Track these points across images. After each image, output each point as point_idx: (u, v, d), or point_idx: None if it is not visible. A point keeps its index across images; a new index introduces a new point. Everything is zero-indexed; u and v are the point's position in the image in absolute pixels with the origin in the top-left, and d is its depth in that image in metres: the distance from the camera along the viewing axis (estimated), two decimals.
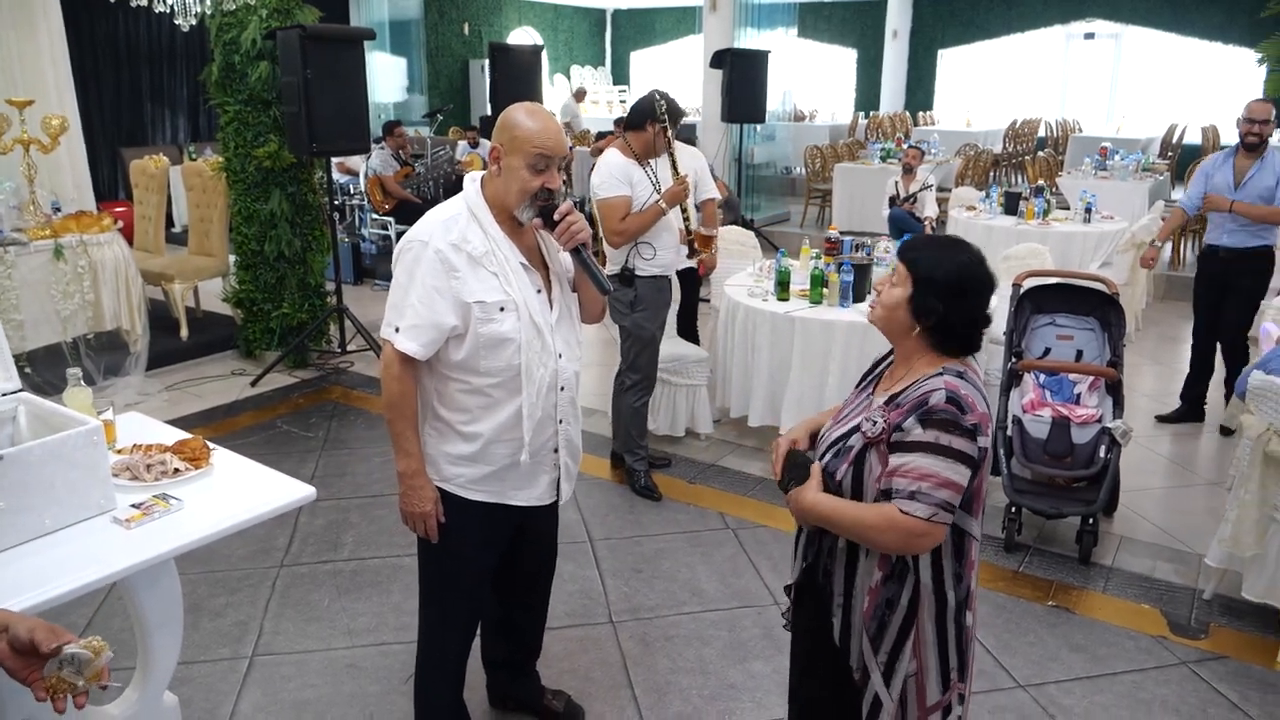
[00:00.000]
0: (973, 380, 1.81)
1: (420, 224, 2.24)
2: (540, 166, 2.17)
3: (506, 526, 2.45)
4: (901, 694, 1.88)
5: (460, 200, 2.27)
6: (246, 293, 6.18)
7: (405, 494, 2.32)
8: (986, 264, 1.85)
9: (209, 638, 3.29)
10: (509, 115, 2.21)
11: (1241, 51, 13.08)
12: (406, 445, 2.27)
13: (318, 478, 4.55)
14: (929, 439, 1.73)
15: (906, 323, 1.84)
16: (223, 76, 5.87)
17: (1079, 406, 4.09)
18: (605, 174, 4.03)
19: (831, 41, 18.05)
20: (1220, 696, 3.04)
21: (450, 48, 16.18)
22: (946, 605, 1.86)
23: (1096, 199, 7.68)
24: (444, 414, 2.30)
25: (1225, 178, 4.89)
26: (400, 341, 2.19)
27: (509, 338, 2.20)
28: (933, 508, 1.72)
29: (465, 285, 2.16)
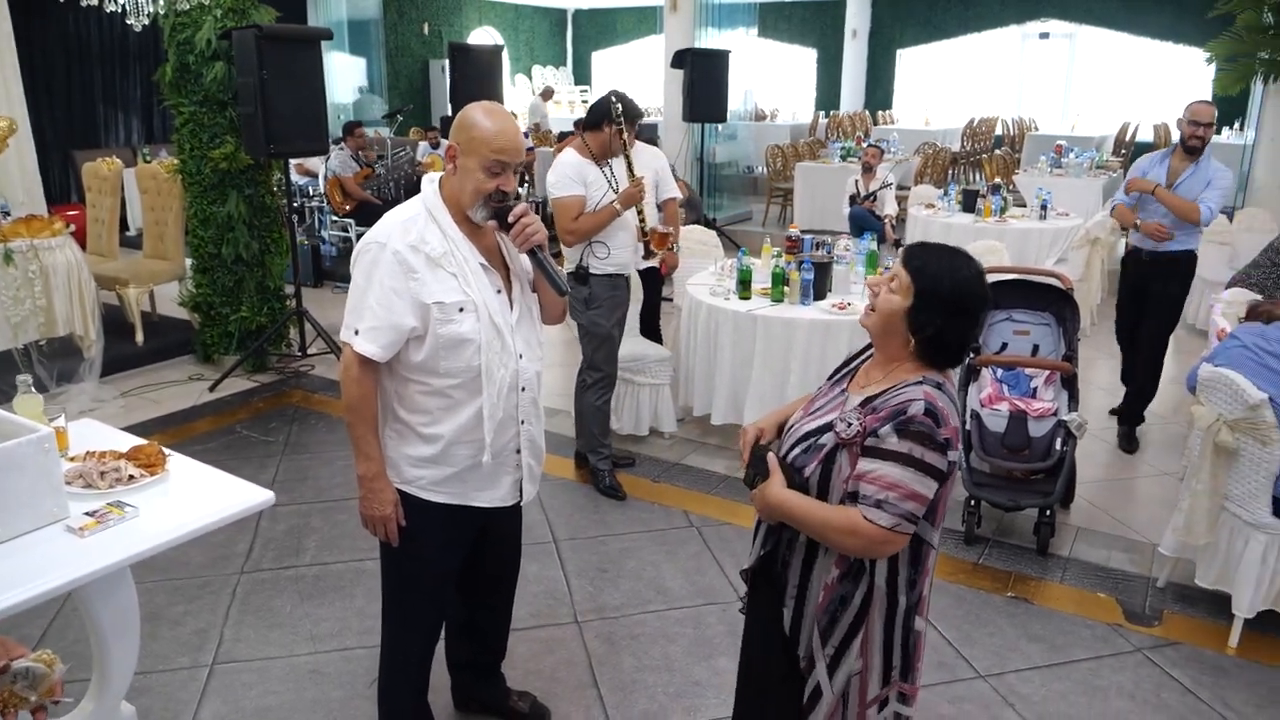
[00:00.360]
0: (950, 392, 1.81)
1: (378, 225, 2.22)
2: (496, 170, 2.15)
3: (469, 528, 2.44)
4: (844, 689, 1.91)
5: (418, 201, 2.25)
6: (204, 296, 6.09)
7: (365, 497, 2.30)
8: (985, 278, 1.84)
9: (168, 646, 3.24)
10: (467, 115, 2.19)
11: (1191, 51, 13.34)
12: (366, 448, 2.26)
13: (278, 482, 4.51)
14: (903, 450, 1.73)
15: (902, 333, 1.82)
16: (177, 77, 5.78)
17: (1035, 400, 4.15)
18: (560, 173, 4.03)
19: (792, 41, 18.16)
20: (1174, 681, 3.10)
21: (410, 48, 16.06)
22: (897, 608, 1.88)
23: (1052, 196, 7.80)
24: (404, 416, 2.29)
25: (1159, 177, 4.74)
26: (359, 344, 2.18)
27: (468, 338, 2.19)
28: (896, 518, 1.73)
29: (424, 286, 2.15)
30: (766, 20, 16.54)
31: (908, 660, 1.93)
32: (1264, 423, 3.13)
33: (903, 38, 17.13)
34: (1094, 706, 2.98)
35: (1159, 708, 2.98)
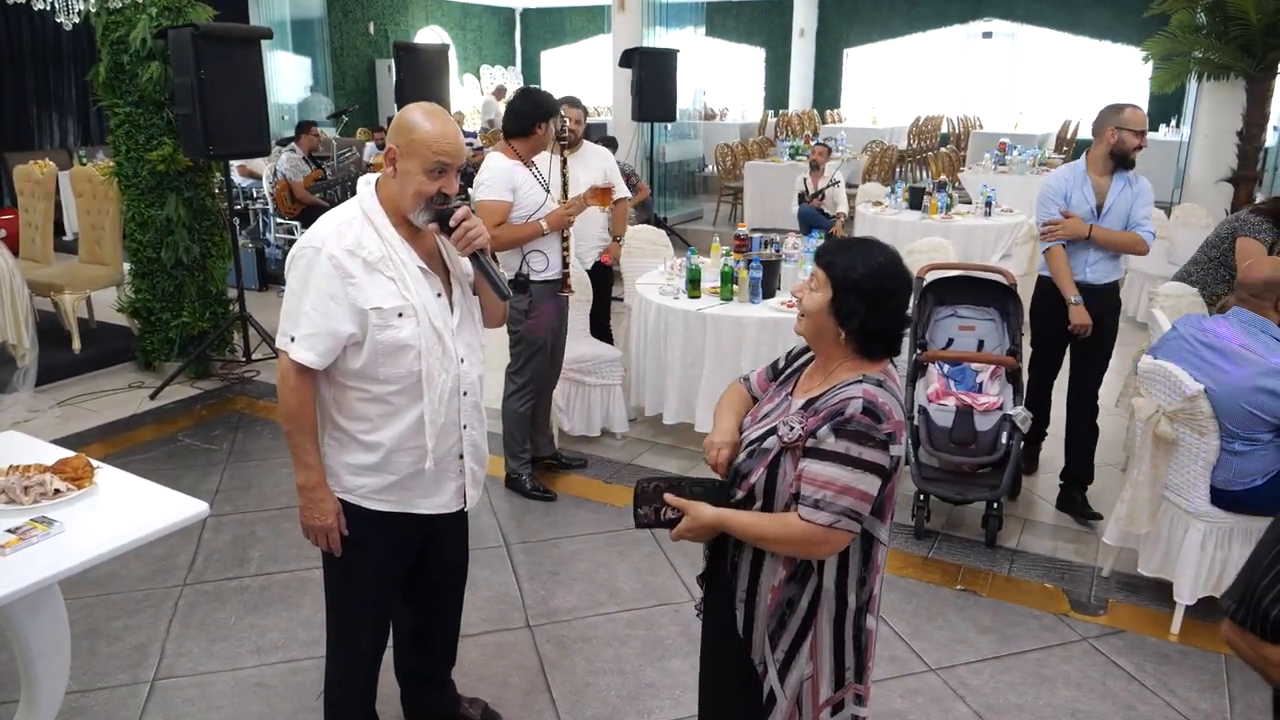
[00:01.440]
0: (892, 389, 1.80)
1: (314, 229, 2.17)
2: (438, 171, 2.12)
3: (413, 536, 2.40)
4: (798, 694, 1.90)
5: (355, 204, 2.20)
6: (143, 302, 5.94)
7: (305, 507, 2.26)
8: (903, 262, 1.85)
9: (106, 663, 3.15)
10: (406, 116, 2.15)
11: (1129, 50, 13.64)
12: (306, 457, 2.21)
13: (222, 491, 4.41)
14: (840, 449, 1.73)
15: (832, 329, 1.81)
16: (111, 77, 5.63)
17: (981, 395, 4.20)
18: (489, 176, 3.93)
19: (740, 40, 18.24)
20: (1119, 669, 3.16)
21: (355, 47, 15.85)
22: (846, 608, 1.87)
23: (996, 193, 7.93)
24: (343, 423, 2.24)
25: (1086, 202, 4.01)
26: (296, 351, 2.13)
27: (408, 344, 2.15)
28: (835, 515, 1.73)
29: (361, 292, 2.11)
30: (714, 20, 16.60)
31: (860, 660, 1.92)
32: (1201, 413, 3.20)
33: (849, 37, 17.30)
34: (1042, 696, 3.02)
35: (1105, 696, 3.02)
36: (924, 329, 4.38)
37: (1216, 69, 7.93)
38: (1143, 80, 12.16)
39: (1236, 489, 3.23)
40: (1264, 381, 3.11)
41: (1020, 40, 16.15)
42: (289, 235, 9.08)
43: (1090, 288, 4.05)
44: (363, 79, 16.02)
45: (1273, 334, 3.23)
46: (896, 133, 14.84)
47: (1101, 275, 4.08)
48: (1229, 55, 7.69)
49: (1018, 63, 16.32)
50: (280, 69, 14.13)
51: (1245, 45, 7.60)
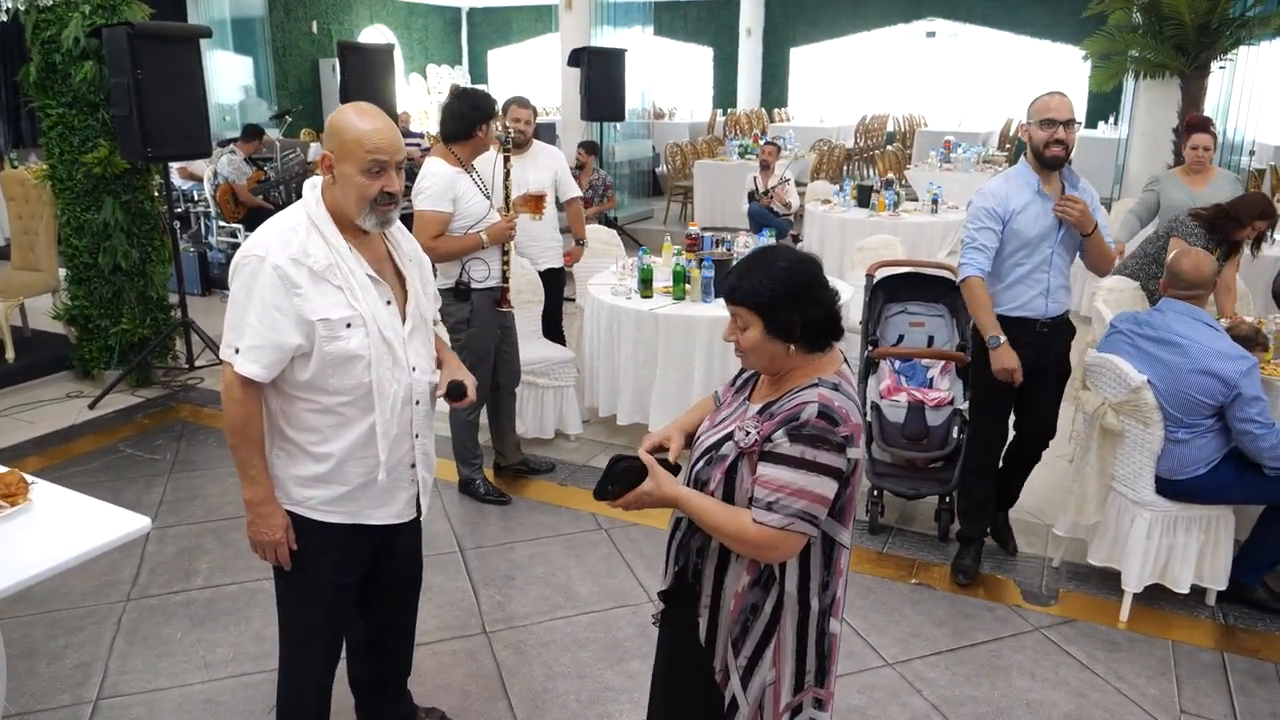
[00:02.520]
0: (848, 391, 1.79)
1: (257, 236, 2.10)
2: (376, 170, 2.05)
3: (365, 547, 2.35)
4: (760, 700, 1.88)
5: (300, 209, 2.13)
6: (80, 309, 5.77)
7: (253, 522, 2.19)
8: (806, 257, 1.83)
9: (46, 684, 3.04)
10: (337, 120, 2.08)
11: (1068, 49, 13.93)
12: (252, 472, 2.15)
13: (166, 503, 4.30)
14: (795, 454, 1.71)
15: (779, 350, 1.79)
16: (42, 77, 5.45)
17: (932, 390, 4.25)
18: (430, 183, 3.81)
19: (688, 40, 18.30)
20: (1070, 658, 3.21)
21: (298, 46, 15.59)
22: (809, 613, 1.86)
23: (943, 190, 8.04)
24: (292, 435, 2.18)
25: (1043, 217, 3.37)
26: (241, 364, 2.06)
27: (357, 355, 2.10)
28: (789, 518, 1.71)
29: (308, 302, 2.04)
30: (662, 19, 16.62)
31: (822, 664, 1.90)
32: (1145, 404, 3.26)
33: (795, 36, 17.44)
34: (997, 687, 3.05)
35: (1057, 684, 3.07)
36: (875, 326, 4.41)
37: (1152, 68, 8.13)
38: (1082, 79, 12.42)
39: (1181, 478, 3.30)
40: (1208, 364, 3.18)
41: (963, 40, 16.42)
42: (231, 239, 8.90)
43: (1053, 322, 3.49)
44: (306, 79, 15.76)
45: (1206, 321, 3.31)
46: (843, 131, 14.99)
47: (1061, 304, 3.51)
48: (1164, 54, 7.88)
49: (961, 62, 16.58)
50: (220, 69, 13.84)
51: (1180, 44, 7.79)
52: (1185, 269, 3.36)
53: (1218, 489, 3.30)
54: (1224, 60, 8.22)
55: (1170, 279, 3.41)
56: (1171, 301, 3.38)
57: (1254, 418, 3.15)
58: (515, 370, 4.36)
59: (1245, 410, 3.16)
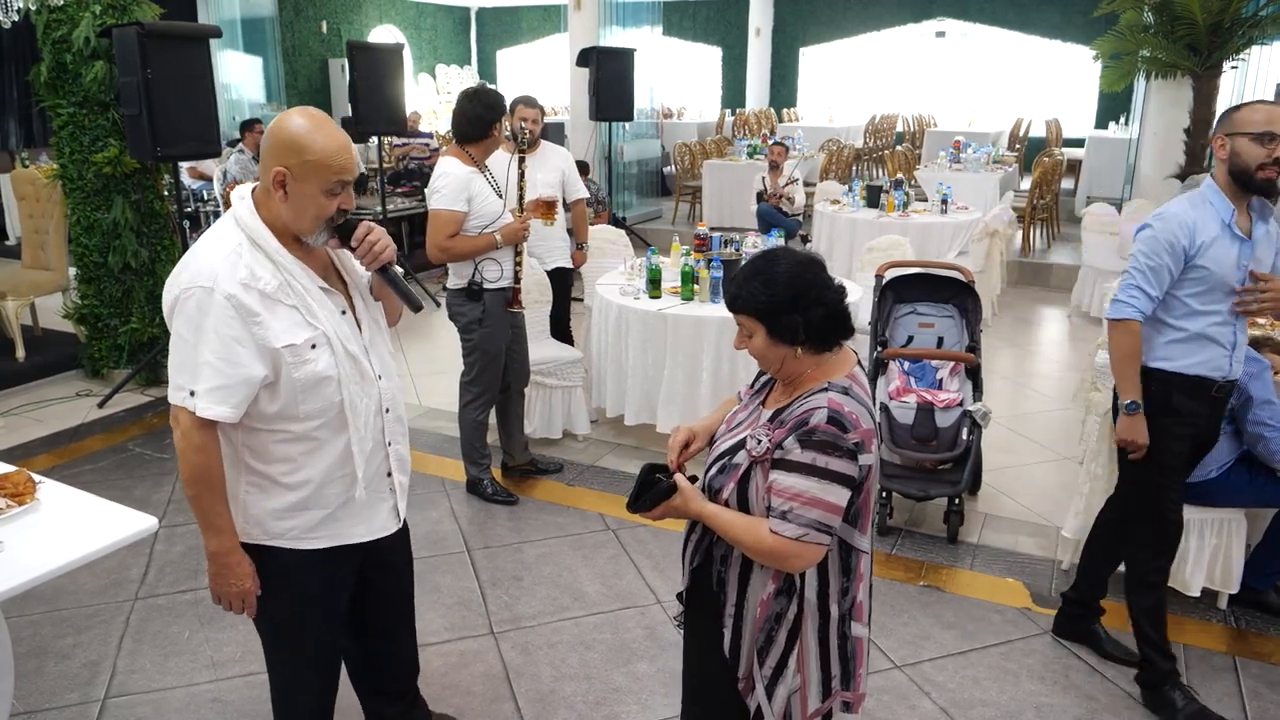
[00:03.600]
0: (859, 395, 1.77)
1: (193, 262, 1.91)
2: (338, 190, 1.93)
3: (349, 565, 2.22)
4: (786, 709, 1.87)
5: (233, 228, 1.95)
6: (90, 308, 5.79)
7: (217, 575, 2.03)
8: (805, 258, 1.83)
9: (55, 682, 3.05)
10: (292, 133, 1.89)
11: (1078, 49, 13.88)
12: (217, 521, 1.99)
13: (174, 501, 4.30)
14: (806, 460, 1.71)
15: (786, 351, 1.80)
16: (53, 77, 5.48)
17: (941, 391, 4.23)
18: (445, 183, 3.79)
19: (696, 39, 18.28)
20: (1080, 661, 3.19)
21: (308, 46, 15.63)
22: (830, 619, 1.85)
23: (952, 190, 8.00)
24: (261, 468, 2.04)
25: (1234, 250, 2.70)
26: (203, 408, 1.88)
27: (327, 375, 1.98)
28: (804, 528, 1.71)
29: (268, 330, 1.89)
30: (671, 19, 16.62)
31: (847, 668, 1.89)
32: None
33: (805, 36, 17.42)
34: (1006, 691, 3.04)
35: (1067, 688, 3.05)
36: (884, 327, 4.40)
37: (1164, 67, 8.08)
38: (1092, 79, 12.38)
39: (1193, 481, 3.27)
40: None
41: (973, 39, 16.37)
42: None
43: (1230, 385, 2.86)
44: (316, 79, 15.80)
45: None
46: (852, 131, 14.96)
47: (1243, 362, 2.88)
48: (1176, 54, 7.84)
49: (971, 61, 16.53)
50: (230, 69, 13.87)
51: (1192, 44, 7.75)
52: None
53: (1229, 492, 3.27)
54: (1236, 60, 8.17)
55: None
56: None
57: (1265, 420, 3.13)
58: (524, 370, 4.35)
59: (1257, 414, 3.13)
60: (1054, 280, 8.76)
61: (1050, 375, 6.22)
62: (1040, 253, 9.53)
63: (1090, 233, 7.63)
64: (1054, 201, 9.95)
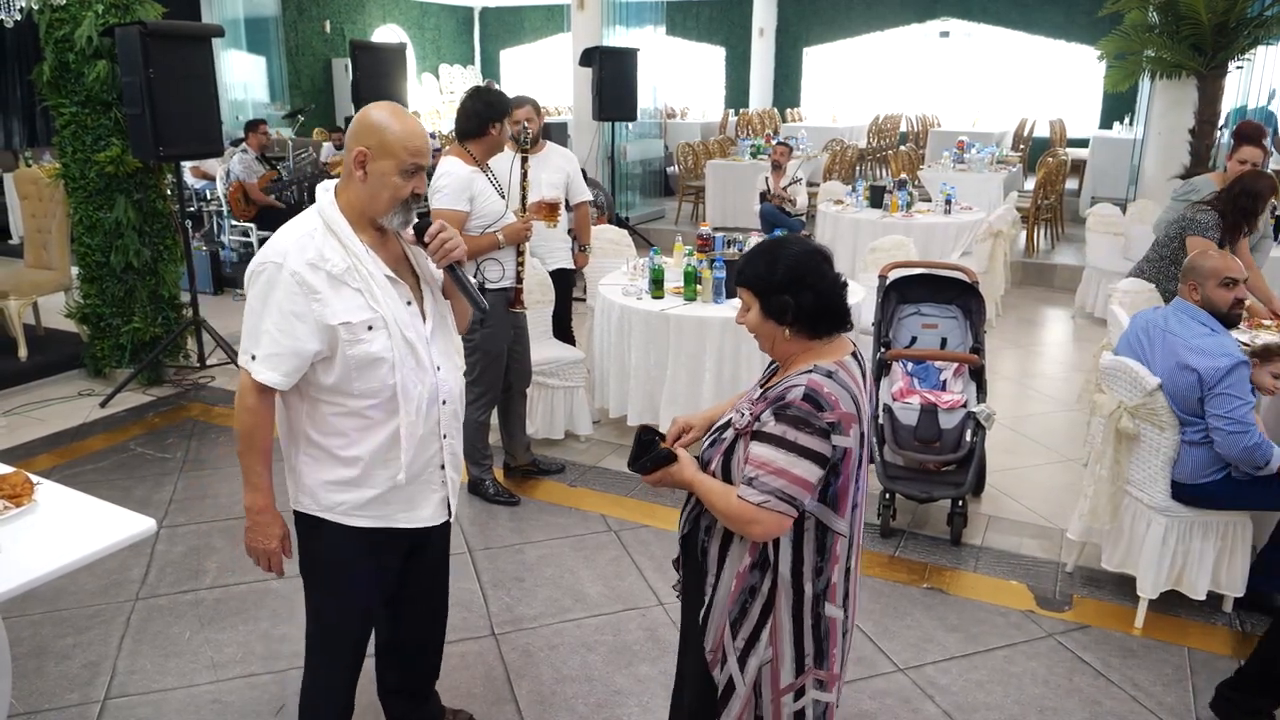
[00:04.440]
0: (844, 380, 1.82)
1: (273, 242, 2.08)
2: (413, 171, 2.07)
3: (397, 551, 2.32)
4: (756, 680, 1.93)
5: (313, 213, 2.11)
6: (92, 307, 5.78)
7: (250, 529, 2.19)
8: (811, 248, 1.91)
9: (54, 683, 3.04)
10: (372, 118, 2.07)
11: (1083, 49, 13.84)
12: (256, 479, 2.15)
13: (176, 502, 4.30)
14: (778, 433, 1.78)
15: (776, 331, 1.88)
16: (55, 76, 5.47)
17: (945, 392, 4.21)
18: (447, 182, 3.78)
19: (700, 39, 18.27)
20: (1085, 665, 3.17)
21: (311, 46, 15.64)
22: (804, 596, 1.90)
23: (956, 191, 7.98)
24: (318, 439, 2.15)
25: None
26: (258, 371, 2.04)
27: (381, 357, 2.08)
28: (765, 495, 1.77)
29: (328, 307, 2.02)
30: (674, 19, 16.59)
31: (820, 647, 1.93)
32: (1160, 407, 3.22)
33: (809, 36, 17.40)
34: (1010, 694, 3.02)
35: (1071, 691, 3.03)
36: (887, 327, 4.38)
37: (1169, 68, 8.05)
38: (1097, 79, 12.35)
39: (1196, 483, 3.26)
40: (1186, 358, 3.16)
41: (977, 39, 16.34)
42: (244, 238, 8.92)
43: None
44: (319, 78, 15.81)
45: (1201, 320, 3.26)
46: (856, 131, 14.93)
47: None
48: (1181, 54, 7.81)
49: (975, 61, 16.51)
50: (233, 68, 13.88)
51: (1196, 44, 7.72)
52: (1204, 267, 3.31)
53: (1233, 494, 3.25)
54: (1241, 60, 8.14)
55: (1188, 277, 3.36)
56: (1176, 299, 3.36)
57: (1220, 414, 3.09)
58: (526, 371, 4.34)
59: (1213, 408, 3.10)
60: (1058, 281, 8.73)
61: (1054, 376, 6.20)
62: (1044, 253, 9.51)
63: (1095, 233, 7.61)
64: (1058, 202, 9.92)
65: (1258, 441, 3.07)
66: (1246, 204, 4.35)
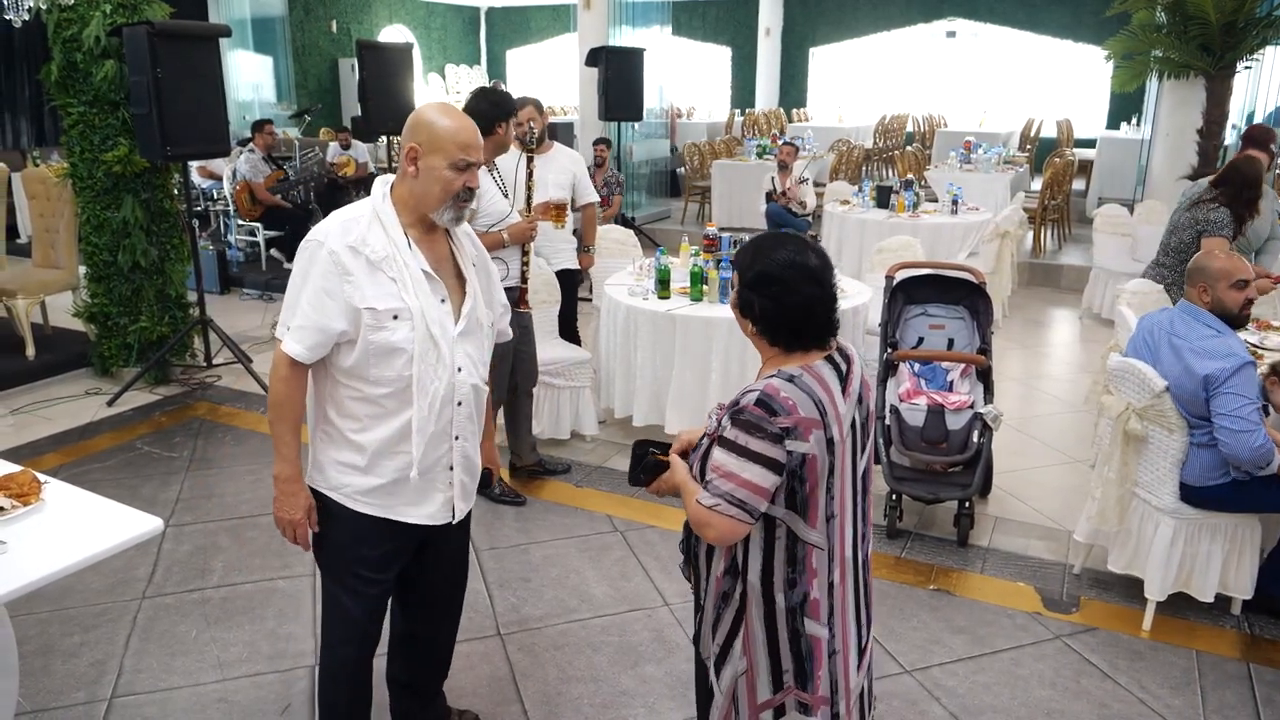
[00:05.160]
0: (807, 384, 1.77)
1: (323, 223, 2.16)
2: (463, 165, 2.12)
3: (405, 543, 2.34)
4: (733, 689, 1.91)
5: (367, 202, 2.18)
6: (99, 306, 5.79)
7: (278, 499, 2.23)
8: (808, 253, 1.83)
9: (61, 681, 3.05)
10: (424, 115, 2.15)
11: (1090, 49, 13.80)
12: (284, 449, 2.19)
13: (182, 500, 4.30)
14: (731, 437, 1.78)
15: (744, 324, 1.89)
16: (63, 76, 5.48)
17: (952, 393, 4.20)
18: None
19: (706, 39, 18.25)
20: (1092, 667, 3.16)
21: (318, 46, 15.66)
22: (775, 607, 1.85)
23: (963, 191, 7.96)
24: (334, 419, 2.21)
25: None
26: (287, 342, 2.13)
27: (400, 348, 2.11)
28: (716, 498, 1.77)
29: (358, 290, 2.08)
30: (680, 19, 16.58)
31: (802, 666, 1.86)
32: (1168, 409, 3.21)
33: (815, 36, 17.37)
34: (1017, 696, 3.01)
35: (1079, 694, 3.02)
36: (894, 328, 4.37)
37: (1177, 68, 8.02)
38: (1104, 79, 12.31)
39: (1204, 485, 3.24)
40: (1189, 361, 3.15)
41: (984, 39, 16.30)
42: (250, 237, 8.94)
43: None
44: (325, 78, 15.83)
45: (1206, 322, 3.25)
46: (862, 131, 14.90)
47: None
48: (1189, 54, 7.78)
49: (981, 62, 16.46)
50: (240, 68, 13.91)
51: (1205, 44, 7.69)
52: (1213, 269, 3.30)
53: (1241, 497, 3.23)
54: (1250, 60, 8.11)
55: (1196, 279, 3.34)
56: (1183, 301, 3.35)
57: (1226, 413, 3.06)
58: (532, 371, 4.34)
59: (1219, 407, 3.08)
60: (1065, 282, 8.71)
61: (1061, 377, 6.18)
62: (1051, 254, 9.48)
63: (1102, 234, 7.59)
64: (1065, 202, 9.89)
65: (1264, 441, 3.05)
66: (1250, 194, 4.42)
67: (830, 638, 1.88)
